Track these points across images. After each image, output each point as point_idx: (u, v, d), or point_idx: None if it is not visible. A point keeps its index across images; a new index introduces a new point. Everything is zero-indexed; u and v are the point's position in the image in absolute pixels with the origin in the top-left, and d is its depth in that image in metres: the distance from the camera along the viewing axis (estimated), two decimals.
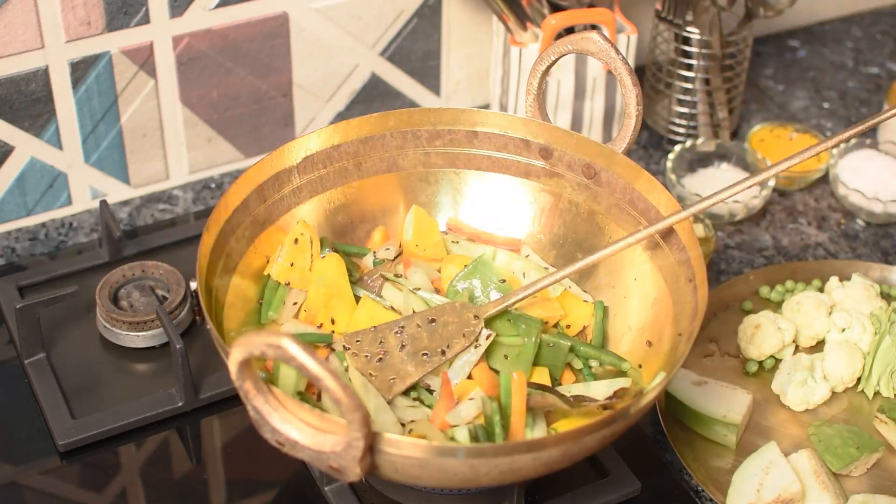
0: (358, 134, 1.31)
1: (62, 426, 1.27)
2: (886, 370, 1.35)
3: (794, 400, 1.33)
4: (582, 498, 1.22)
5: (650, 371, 1.20)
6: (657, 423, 1.31)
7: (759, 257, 1.55)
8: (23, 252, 1.51)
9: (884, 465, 1.29)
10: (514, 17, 1.55)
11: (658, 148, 1.71)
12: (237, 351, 0.96)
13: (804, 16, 1.95)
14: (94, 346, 1.37)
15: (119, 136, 1.52)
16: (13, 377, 1.34)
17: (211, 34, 1.51)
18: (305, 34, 1.56)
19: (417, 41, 1.64)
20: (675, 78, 1.67)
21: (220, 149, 1.60)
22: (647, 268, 1.25)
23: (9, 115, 1.44)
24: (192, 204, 1.59)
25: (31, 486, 1.24)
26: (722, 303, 1.45)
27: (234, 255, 1.23)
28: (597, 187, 1.29)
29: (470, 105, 1.73)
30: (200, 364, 1.33)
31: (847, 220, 1.61)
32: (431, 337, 1.20)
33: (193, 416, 1.31)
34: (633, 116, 1.25)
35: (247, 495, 1.25)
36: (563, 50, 1.26)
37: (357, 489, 1.21)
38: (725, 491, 1.24)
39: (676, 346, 1.17)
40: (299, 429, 1.00)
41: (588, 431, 1.03)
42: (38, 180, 1.51)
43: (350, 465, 0.99)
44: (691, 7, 1.63)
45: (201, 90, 1.54)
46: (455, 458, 1.00)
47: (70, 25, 1.42)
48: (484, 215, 1.35)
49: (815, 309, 1.39)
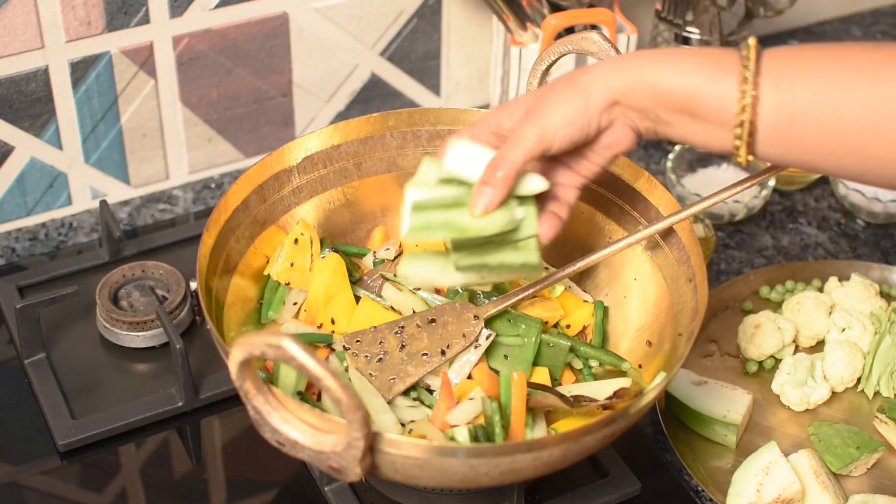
0: (358, 134, 1.31)
1: (62, 426, 1.27)
2: (886, 370, 1.35)
3: (794, 400, 1.33)
4: (582, 498, 1.22)
5: (650, 371, 1.21)
6: (657, 423, 1.31)
7: (759, 257, 1.55)
8: (23, 252, 1.51)
9: (884, 465, 1.29)
10: (514, 17, 1.55)
11: (658, 148, 1.71)
12: (237, 351, 0.96)
13: (804, 16, 1.95)
14: (94, 346, 1.37)
15: (119, 136, 1.52)
16: (13, 377, 1.34)
17: (211, 34, 1.51)
18: (305, 34, 1.56)
19: (417, 41, 1.64)
20: None
21: (220, 149, 1.60)
22: (647, 268, 1.25)
23: (9, 115, 1.44)
24: (192, 204, 1.59)
25: (31, 486, 1.24)
26: (722, 303, 1.45)
27: (234, 255, 1.23)
28: (597, 187, 1.29)
29: (470, 105, 1.73)
30: (200, 364, 1.33)
31: (847, 220, 1.61)
32: (431, 337, 1.20)
33: (193, 416, 1.31)
34: None
35: (247, 495, 1.25)
36: (563, 50, 1.26)
37: (357, 489, 1.21)
38: (725, 491, 1.24)
39: (676, 346, 1.17)
40: (299, 429, 1.00)
41: (588, 431, 1.03)
42: (38, 180, 1.51)
43: (350, 465, 0.99)
44: (691, 7, 1.63)
45: (201, 90, 1.54)
46: (455, 458, 1.00)
47: (70, 25, 1.42)
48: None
49: (815, 309, 1.39)
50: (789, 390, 1.33)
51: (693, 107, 1.00)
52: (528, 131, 1.03)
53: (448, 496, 1.20)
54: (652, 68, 1.01)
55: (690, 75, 1.00)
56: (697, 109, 1.00)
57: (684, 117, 1.01)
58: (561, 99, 1.03)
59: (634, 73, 1.02)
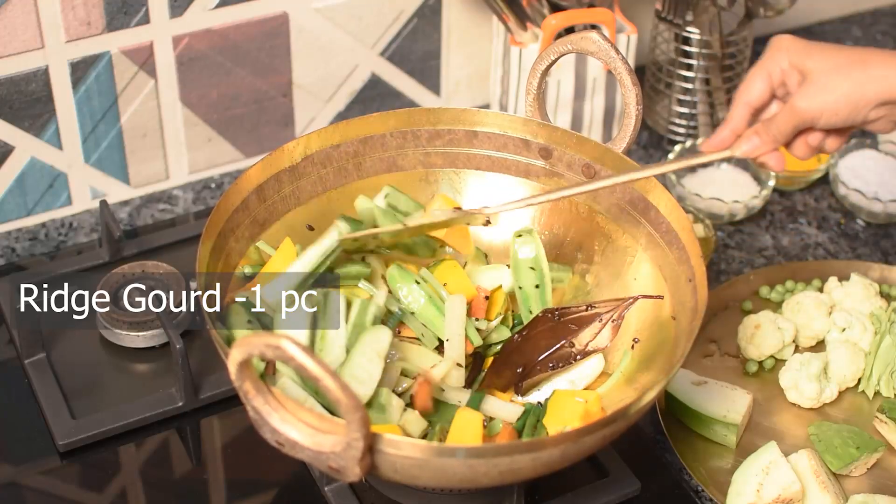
0: (358, 134, 1.31)
1: (62, 426, 1.27)
2: (886, 370, 1.35)
3: (807, 394, 1.32)
4: (582, 498, 1.22)
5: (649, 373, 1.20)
6: (657, 423, 1.31)
7: (759, 257, 1.55)
8: (23, 252, 1.51)
9: (884, 465, 1.29)
10: (514, 17, 1.55)
11: (658, 148, 1.71)
12: (237, 351, 0.96)
13: (804, 16, 1.95)
14: (94, 346, 1.37)
15: (119, 136, 1.52)
16: (13, 377, 1.34)
17: (211, 34, 1.51)
18: (305, 34, 1.56)
19: (417, 41, 1.64)
20: (675, 78, 1.67)
21: (220, 149, 1.60)
22: (647, 268, 1.25)
23: (9, 115, 1.44)
24: (192, 204, 1.59)
25: (31, 486, 1.24)
26: (722, 303, 1.45)
27: (233, 255, 1.23)
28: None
29: (470, 105, 1.73)
30: (200, 364, 1.33)
31: (847, 220, 1.61)
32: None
33: (193, 416, 1.31)
34: (632, 116, 1.25)
35: (247, 495, 1.25)
36: (563, 50, 1.26)
37: (357, 489, 1.21)
38: (725, 491, 1.24)
39: (676, 346, 1.17)
40: (299, 429, 1.00)
41: (588, 431, 1.03)
42: (38, 180, 1.51)
43: (350, 465, 0.99)
44: (691, 7, 1.63)
45: (201, 90, 1.54)
46: (454, 459, 1.00)
47: (70, 25, 1.42)
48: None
49: (815, 309, 1.39)
50: (804, 384, 1.32)
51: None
52: (790, 117, 1.11)
53: (448, 496, 1.20)
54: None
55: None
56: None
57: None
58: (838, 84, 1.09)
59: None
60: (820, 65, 1.10)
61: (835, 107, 1.09)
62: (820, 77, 1.09)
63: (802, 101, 1.10)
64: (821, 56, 1.10)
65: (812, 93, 1.09)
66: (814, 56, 1.10)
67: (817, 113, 1.10)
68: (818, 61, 1.10)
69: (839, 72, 1.09)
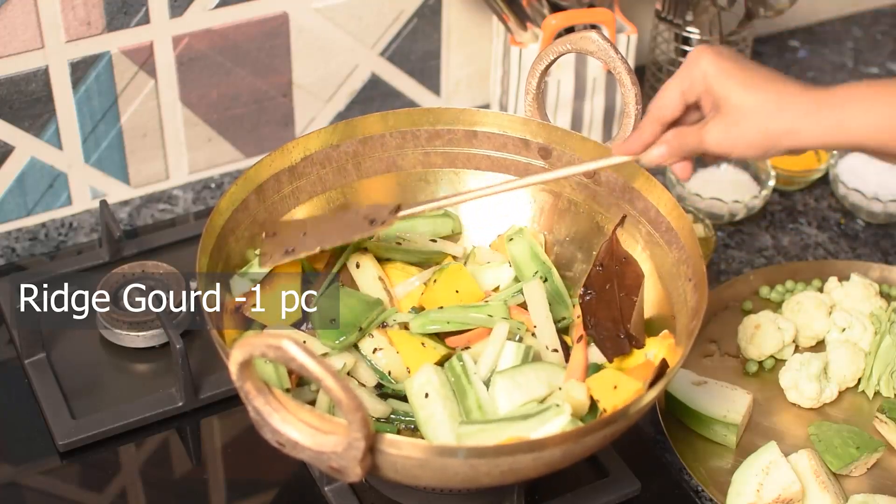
0: (358, 134, 1.31)
1: (62, 426, 1.27)
2: (886, 370, 1.35)
3: (807, 393, 1.32)
4: (582, 498, 1.22)
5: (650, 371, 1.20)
6: (657, 423, 1.31)
7: (759, 257, 1.55)
8: (23, 252, 1.51)
9: (884, 465, 1.29)
10: (514, 17, 1.55)
11: None
12: (237, 352, 0.96)
13: (804, 16, 1.95)
14: (94, 346, 1.37)
15: (119, 136, 1.52)
16: (13, 377, 1.34)
17: (211, 34, 1.51)
18: (305, 34, 1.56)
19: (417, 41, 1.64)
20: None
21: (220, 149, 1.60)
22: (647, 268, 1.25)
23: (9, 115, 1.44)
24: (192, 204, 1.59)
25: (31, 486, 1.24)
26: (722, 303, 1.45)
27: (233, 255, 1.23)
28: (596, 187, 1.29)
29: (470, 105, 1.73)
30: (200, 364, 1.33)
31: (847, 220, 1.61)
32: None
33: (193, 416, 1.31)
34: (632, 116, 1.25)
35: (247, 495, 1.25)
36: (563, 49, 1.26)
37: (357, 489, 1.21)
38: (725, 491, 1.24)
39: (676, 346, 1.17)
40: (300, 429, 1.00)
41: (588, 431, 1.03)
42: (38, 180, 1.51)
43: (350, 465, 0.99)
44: (691, 7, 1.63)
45: (201, 90, 1.54)
46: (455, 458, 1.00)
47: (70, 25, 1.42)
48: (483, 215, 1.35)
49: (815, 309, 1.39)
50: (804, 384, 1.32)
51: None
52: (699, 144, 1.11)
53: (448, 496, 1.20)
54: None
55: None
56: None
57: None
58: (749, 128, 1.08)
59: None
60: (735, 99, 1.07)
61: (744, 150, 1.08)
62: (733, 113, 1.07)
63: (713, 134, 1.08)
64: (737, 88, 1.07)
65: (724, 128, 1.08)
66: (730, 85, 1.08)
67: (727, 150, 1.08)
68: (734, 93, 1.07)
69: (755, 115, 1.07)
